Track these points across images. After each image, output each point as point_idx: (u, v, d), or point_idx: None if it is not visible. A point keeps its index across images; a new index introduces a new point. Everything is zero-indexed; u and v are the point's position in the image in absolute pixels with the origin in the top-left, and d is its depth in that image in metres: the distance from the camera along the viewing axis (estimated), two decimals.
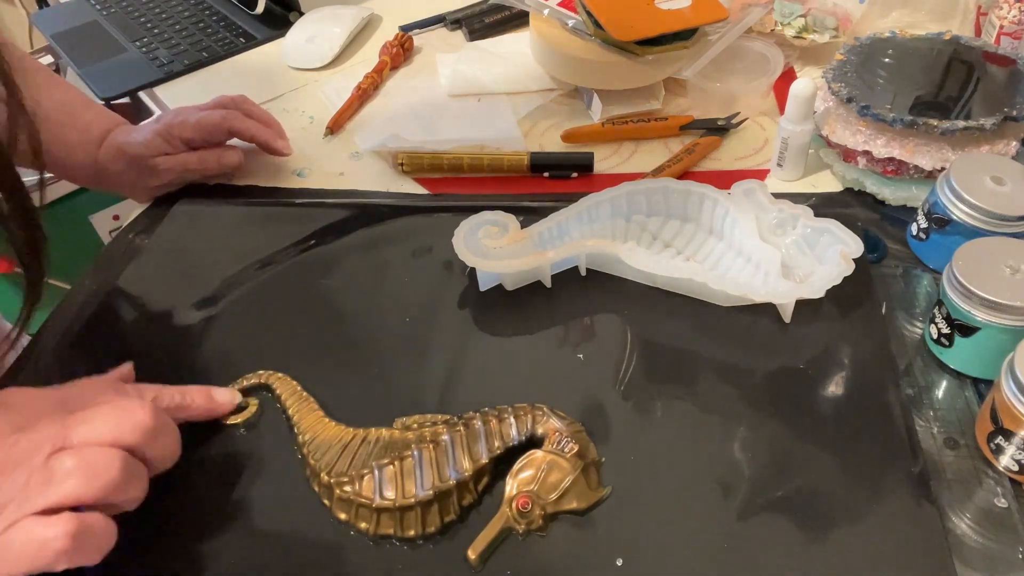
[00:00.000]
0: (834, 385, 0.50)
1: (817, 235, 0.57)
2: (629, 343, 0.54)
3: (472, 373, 0.52)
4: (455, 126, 0.78)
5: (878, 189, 0.63)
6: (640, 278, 0.58)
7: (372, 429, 0.48)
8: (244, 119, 0.69)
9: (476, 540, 0.42)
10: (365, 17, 0.96)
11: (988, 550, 0.41)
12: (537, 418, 0.46)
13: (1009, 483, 0.44)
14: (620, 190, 0.60)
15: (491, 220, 0.59)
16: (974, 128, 0.58)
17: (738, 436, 0.47)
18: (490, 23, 0.93)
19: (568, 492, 0.44)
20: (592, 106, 0.76)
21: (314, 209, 0.68)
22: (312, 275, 0.61)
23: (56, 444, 0.39)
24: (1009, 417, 0.43)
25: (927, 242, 0.57)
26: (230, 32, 0.99)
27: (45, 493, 0.37)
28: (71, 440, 0.39)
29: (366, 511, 0.44)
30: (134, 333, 0.59)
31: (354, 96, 0.82)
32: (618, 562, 0.42)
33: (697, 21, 0.73)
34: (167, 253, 0.65)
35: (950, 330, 0.49)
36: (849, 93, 0.62)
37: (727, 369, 0.51)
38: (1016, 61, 0.64)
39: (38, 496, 0.37)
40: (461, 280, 0.59)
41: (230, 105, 0.70)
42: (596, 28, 0.72)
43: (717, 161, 0.71)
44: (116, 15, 1.06)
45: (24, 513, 0.37)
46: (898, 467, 0.45)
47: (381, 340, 0.55)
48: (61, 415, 0.40)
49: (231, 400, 0.50)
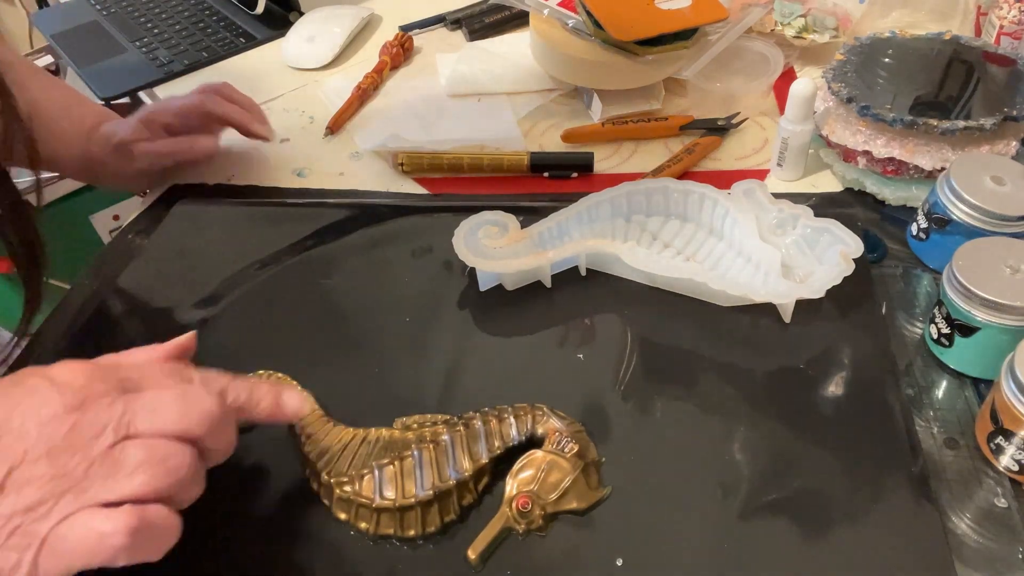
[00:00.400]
0: (834, 385, 0.50)
1: (817, 235, 0.56)
2: (629, 343, 0.54)
3: (472, 373, 0.52)
4: (455, 126, 0.78)
5: (878, 189, 0.63)
6: (640, 278, 0.58)
7: (372, 429, 0.48)
8: (222, 102, 0.70)
9: (476, 540, 0.42)
10: (365, 17, 0.96)
11: (988, 550, 0.41)
12: (537, 418, 0.46)
13: (1009, 483, 0.44)
14: (620, 190, 0.60)
15: (491, 220, 0.59)
16: (974, 128, 0.58)
17: (738, 436, 0.47)
18: (490, 23, 0.93)
19: (568, 492, 0.44)
20: (592, 106, 0.76)
21: (314, 209, 0.68)
22: (312, 275, 0.61)
23: (119, 432, 0.35)
24: (1009, 417, 0.43)
25: (927, 242, 0.57)
26: (230, 32, 0.99)
27: (110, 486, 0.34)
28: (136, 428, 0.36)
29: (366, 511, 0.44)
30: (134, 333, 0.59)
31: (354, 96, 0.82)
32: (618, 562, 0.42)
33: (697, 21, 0.73)
34: (167, 253, 0.65)
35: (950, 330, 0.49)
36: (849, 93, 0.62)
37: (727, 369, 0.51)
38: (1016, 61, 0.64)
39: (101, 488, 0.34)
40: (461, 280, 0.59)
41: (209, 90, 0.71)
42: (596, 28, 0.72)
43: (717, 161, 0.71)
44: (116, 15, 1.06)
45: (82, 505, 0.34)
46: (898, 467, 0.45)
47: (381, 340, 0.55)
48: (122, 397, 0.37)
49: (299, 408, 0.43)
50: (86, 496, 0.34)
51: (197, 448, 0.37)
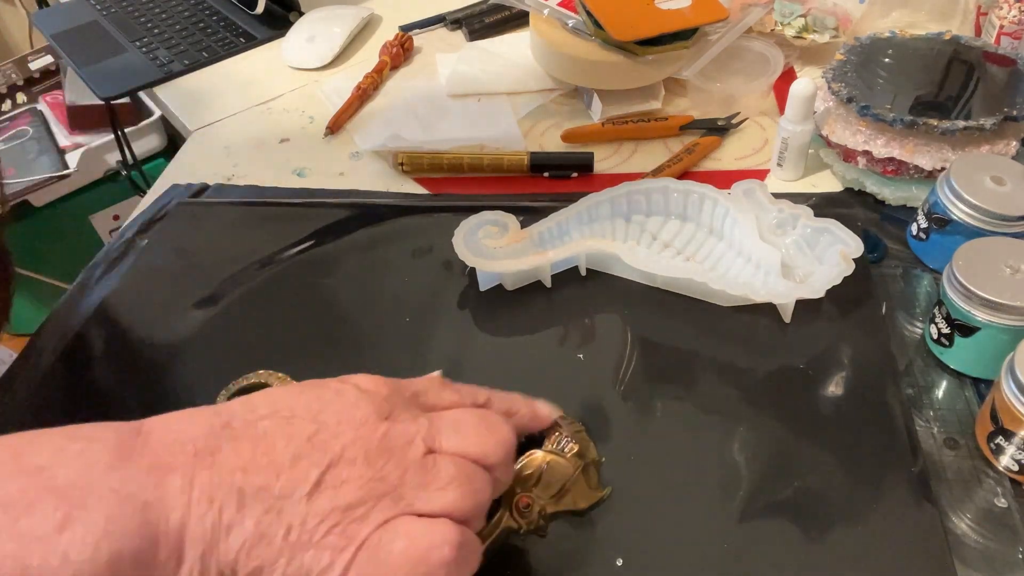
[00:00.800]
0: (834, 385, 0.50)
1: (817, 235, 0.56)
2: (629, 343, 0.54)
3: (472, 373, 0.52)
4: (455, 126, 0.78)
5: (878, 189, 0.63)
6: (640, 278, 0.58)
7: None
8: None
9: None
10: (365, 17, 0.96)
11: (988, 550, 0.41)
12: None
13: (1009, 483, 0.44)
14: (620, 190, 0.60)
15: (491, 220, 0.59)
16: (974, 128, 0.58)
17: (738, 436, 0.47)
18: (490, 23, 0.93)
19: (568, 492, 0.43)
20: (592, 106, 0.76)
21: (314, 209, 0.68)
22: (312, 275, 0.61)
23: (428, 443, 0.34)
24: (1009, 417, 0.43)
25: (927, 242, 0.57)
26: (230, 32, 0.99)
27: (424, 497, 0.33)
28: (441, 445, 0.35)
29: None
30: (134, 333, 0.59)
31: (354, 96, 0.82)
32: (618, 562, 0.42)
33: (697, 21, 0.73)
34: (167, 253, 0.65)
35: (950, 330, 0.49)
36: (849, 93, 0.62)
37: (727, 369, 0.51)
38: (1016, 61, 0.64)
39: (415, 497, 0.33)
40: (461, 280, 0.59)
41: None
42: (596, 28, 0.72)
43: (717, 161, 0.71)
44: (116, 15, 1.06)
45: (400, 511, 0.33)
46: (898, 467, 0.45)
47: (381, 340, 0.55)
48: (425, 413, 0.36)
49: (551, 412, 0.43)
50: (403, 503, 0.33)
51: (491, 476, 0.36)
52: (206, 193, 0.72)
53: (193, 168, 0.76)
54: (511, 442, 0.37)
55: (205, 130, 0.82)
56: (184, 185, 0.73)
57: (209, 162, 0.76)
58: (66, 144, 1.35)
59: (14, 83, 1.46)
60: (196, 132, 0.82)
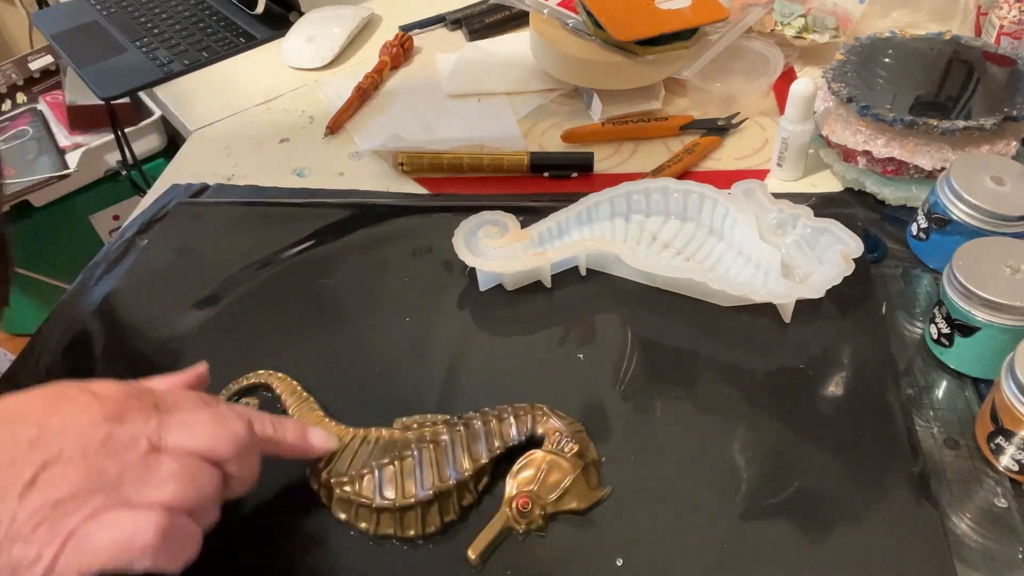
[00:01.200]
0: (834, 385, 0.50)
1: (817, 235, 0.56)
2: (629, 343, 0.54)
3: (472, 373, 0.52)
4: (455, 126, 0.78)
5: (878, 189, 0.63)
6: (640, 278, 0.58)
7: (372, 429, 0.48)
8: None
9: (476, 540, 0.42)
10: (365, 17, 0.96)
11: (988, 550, 0.41)
12: (537, 418, 0.46)
13: (1009, 483, 0.44)
14: (620, 190, 0.60)
15: (491, 220, 0.59)
16: (974, 128, 0.58)
17: (738, 436, 0.47)
18: (490, 23, 0.93)
19: (568, 492, 0.44)
20: (592, 106, 0.76)
21: (314, 209, 0.68)
22: (312, 275, 0.61)
23: (153, 442, 0.36)
24: (1009, 417, 0.43)
25: (927, 242, 0.57)
26: (230, 32, 0.99)
27: (141, 491, 0.35)
28: (167, 442, 0.36)
29: (366, 511, 0.44)
30: (134, 333, 0.59)
31: (354, 96, 0.82)
32: (618, 562, 0.42)
33: (697, 21, 0.73)
34: (167, 253, 0.65)
35: (950, 330, 0.49)
36: (849, 93, 0.62)
37: (727, 369, 0.51)
38: (1016, 61, 0.64)
39: (133, 492, 0.35)
40: (461, 280, 0.59)
41: None
42: (596, 28, 0.72)
43: (717, 161, 0.71)
44: (116, 15, 1.06)
45: (113, 505, 0.34)
46: (898, 467, 0.45)
47: (381, 340, 0.55)
48: (157, 413, 0.38)
49: (326, 444, 0.44)
50: (117, 497, 0.34)
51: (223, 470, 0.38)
52: (206, 193, 0.72)
53: (193, 168, 0.76)
54: (243, 437, 0.39)
55: (205, 130, 0.82)
56: (184, 185, 0.73)
57: (209, 162, 0.76)
58: (66, 144, 1.35)
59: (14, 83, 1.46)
60: (196, 132, 0.82)
